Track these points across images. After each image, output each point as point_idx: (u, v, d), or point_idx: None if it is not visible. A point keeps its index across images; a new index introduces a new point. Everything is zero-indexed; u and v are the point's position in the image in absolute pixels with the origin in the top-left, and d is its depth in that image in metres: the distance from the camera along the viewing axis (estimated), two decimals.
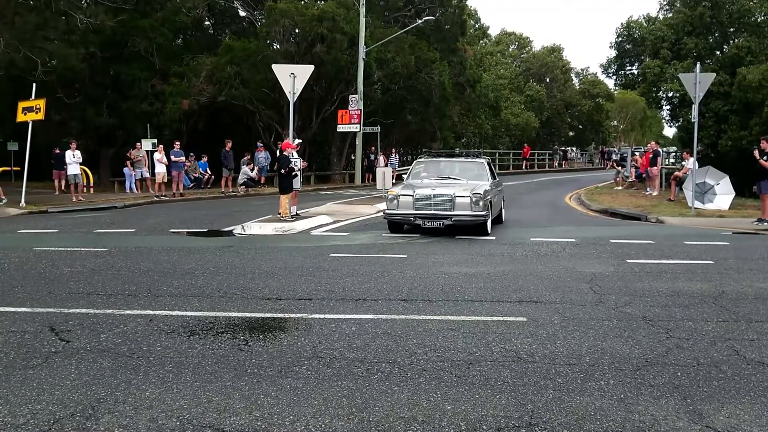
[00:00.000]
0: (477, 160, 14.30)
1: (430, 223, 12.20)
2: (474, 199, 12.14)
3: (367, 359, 5.06)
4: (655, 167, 23.62)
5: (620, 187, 26.71)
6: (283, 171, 14.61)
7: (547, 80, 58.16)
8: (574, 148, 62.29)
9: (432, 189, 12.50)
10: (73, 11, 26.62)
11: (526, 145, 48.49)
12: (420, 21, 32.34)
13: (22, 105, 19.44)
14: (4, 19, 24.90)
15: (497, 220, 14.15)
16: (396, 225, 12.82)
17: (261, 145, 26.13)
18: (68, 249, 10.55)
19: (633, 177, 26.80)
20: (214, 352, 5.17)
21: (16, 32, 24.63)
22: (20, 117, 19.41)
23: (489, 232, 12.49)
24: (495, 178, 14.34)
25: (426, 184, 12.94)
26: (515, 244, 11.53)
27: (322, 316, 6.33)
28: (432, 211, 12.23)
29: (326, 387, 4.46)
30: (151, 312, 6.36)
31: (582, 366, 4.99)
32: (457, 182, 13.09)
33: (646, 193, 23.26)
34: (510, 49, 60.85)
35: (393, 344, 5.44)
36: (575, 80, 63.35)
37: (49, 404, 4.06)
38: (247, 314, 6.38)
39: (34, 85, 20.00)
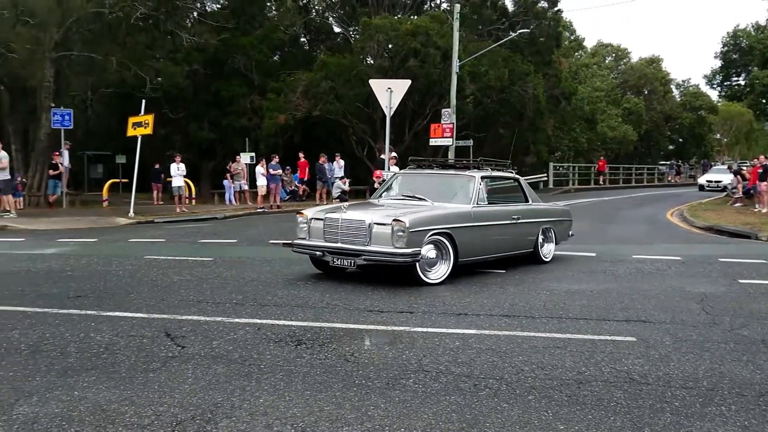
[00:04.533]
0: (467, 173, 10.15)
1: (339, 261, 8.73)
2: (395, 228, 8.31)
3: (474, 374, 5.02)
4: (765, 183, 22.40)
5: (738, 204, 25.25)
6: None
7: (646, 92, 56.34)
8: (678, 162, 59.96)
9: (343, 212, 8.98)
10: (179, 31, 27.95)
11: (601, 158, 46.30)
12: (514, 34, 32.07)
13: (132, 120, 20.45)
14: (116, 40, 26.43)
15: (531, 258, 10.61)
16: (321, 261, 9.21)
17: (325, 156, 26.52)
18: (176, 258, 11.01)
19: (740, 193, 25.53)
20: (322, 362, 5.26)
21: (127, 52, 26.12)
22: (130, 131, 20.42)
23: (428, 279, 8.61)
24: (501, 202, 10.40)
25: (357, 205, 10.07)
26: (617, 261, 11.18)
27: (424, 329, 6.33)
28: (339, 244, 8.74)
29: (434, 401, 4.45)
30: (259, 321, 6.54)
31: (700, 390, 4.77)
32: (416, 204, 9.54)
33: (755, 210, 22.09)
34: (606, 61, 59.44)
35: (499, 360, 5.38)
36: (675, 92, 61.20)
37: (171, 407, 4.23)
38: (351, 325, 6.46)
39: (143, 101, 21.04)
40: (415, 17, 33.16)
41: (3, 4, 21.46)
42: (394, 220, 8.40)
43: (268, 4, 36.27)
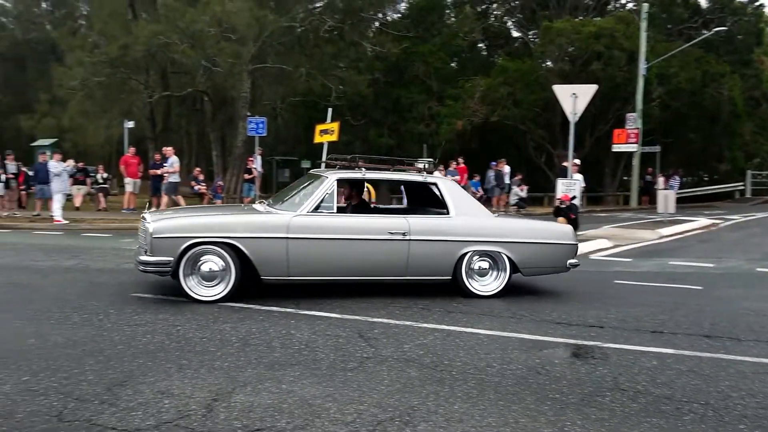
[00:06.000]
0: (323, 174, 8.20)
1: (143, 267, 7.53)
2: (144, 234, 7.42)
3: (675, 397, 4.77)
4: None
5: None
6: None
7: None
8: None
9: (144, 213, 8.10)
10: (362, 41, 29.06)
11: None
12: (708, 33, 30.02)
13: (319, 128, 21.46)
14: (305, 52, 28.01)
15: (455, 289, 8.14)
16: None
17: (504, 161, 25.96)
18: None
19: None
20: (513, 372, 5.24)
21: (314, 62, 27.58)
22: (317, 138, 21.45)
23: (195, 296, 7.31)
24: (389, 211, 9.09)
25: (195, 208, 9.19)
26: None
27: (617, 346, 6.10)
28: (138, 249, 7.89)
29: (635, 422, 4.28)
30: (446, 327, 6.64)
31: None
32: (230, 208, 8.40)
33: None
34: None
35: (702, 384, 5.07)
36: None
37: (370, 406, 4.42)
38: (539, 337, 6.37)
39: (330, 109, 22.07)
40: (599, 18, 32.04)
41: (210, 22, 23.51)
42: (146, 224, 7.40)
43: (447, 11, 36.72)
